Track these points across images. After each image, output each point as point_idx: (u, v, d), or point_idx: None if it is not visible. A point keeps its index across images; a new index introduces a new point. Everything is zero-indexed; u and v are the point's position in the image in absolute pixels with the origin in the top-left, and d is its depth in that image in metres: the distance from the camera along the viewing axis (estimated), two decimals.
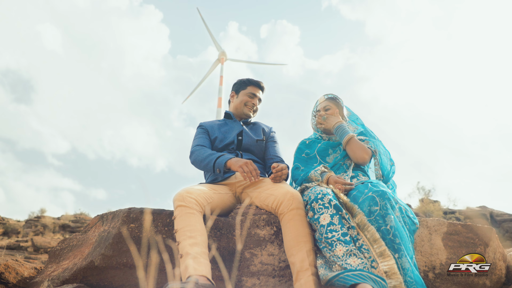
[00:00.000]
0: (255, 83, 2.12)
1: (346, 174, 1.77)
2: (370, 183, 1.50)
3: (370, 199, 1.37)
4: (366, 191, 1.43)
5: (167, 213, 1.60)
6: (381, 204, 1.34)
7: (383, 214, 1.32)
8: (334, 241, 1.31)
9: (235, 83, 2.19)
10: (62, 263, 1.87)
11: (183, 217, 1.38)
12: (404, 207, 1.43)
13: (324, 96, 2.13)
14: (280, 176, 1.65)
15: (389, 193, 1.38)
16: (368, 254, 1.27)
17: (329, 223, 1.35)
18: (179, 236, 1.36)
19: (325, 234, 1.34)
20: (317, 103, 2.15)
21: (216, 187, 1.71)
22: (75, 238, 1.94)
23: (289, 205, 1.44)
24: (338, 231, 1.33)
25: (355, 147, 1.80)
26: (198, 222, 1.39)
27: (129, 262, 1.56)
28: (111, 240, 1.55)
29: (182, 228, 1.36)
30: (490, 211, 11.17)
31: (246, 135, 1.99)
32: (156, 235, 1.56)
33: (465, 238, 1.55)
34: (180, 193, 1.47)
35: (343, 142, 1.85)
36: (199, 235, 1.34)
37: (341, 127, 1.90)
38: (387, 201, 1.35)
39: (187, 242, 1.31)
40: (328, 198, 1.40)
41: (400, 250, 1.26)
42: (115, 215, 1.70)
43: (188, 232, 1.34)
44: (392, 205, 1.35)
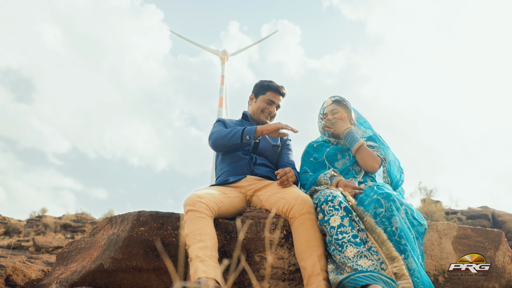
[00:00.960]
0: (275, 89, 2.03)
1: (355, 179, 1.76)
2: (376, 186, 1.51)
3: (376, 201, 1.38)
4: (372, 193, 1.43)
5: (177, 216, 1.60)
6: (386, 206, 1.35)
7: (389, 215, 1.33)
8: (344, 243, 1.31)
9: (256, 84, 2.12)
10: (71, 265, 1.87)
11: (193, 221, 1.38)
12: (409, 208, 1.44)
13: (330, 99, 2.10)
14: (287, 180, 1.64)
15: (394, 195, 1.39)
16: (377, 256, 1.28)
17: (340, 224, 1.35)
18: (189, 240, 1.35)
19: (335, 236, 1.34)
20: (324, 105, 2.12)
21: (226, 190, 1.70)
22: (83, 240, 1.94)
23: (300, 209, 1.44)
24: (348, 233, 1.33)
25: (365, 155, 1.78)
26: (208, 226, 1.39)
27: (138, 265, 1.56)
28: (121, 244, 1.55)
29: (192, 232, 1.36)
30: (491, 212, 11.16)
31: (263, 139, 1.96)
32: (166, 238, 1.56)
33: (474, 241, 1.55)
34: (190, 197, 1.47)
35: (352, 150, 1.83)
36: (209, 239, 1.34)
37: (350, 133, 1.87)
38: (392, 203, 1.35)
39: (197, 245, 1.31)
40: (338, 200, 1.40)
41: (406, 250, 1.26)
42: (124, 218, 1.70)
43: (198, 236, 1.34)
44: (397, 207, 1.36)
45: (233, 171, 1.86)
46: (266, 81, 2.06)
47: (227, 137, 1.78)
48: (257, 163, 1.89)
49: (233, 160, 1.90)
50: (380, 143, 1.93)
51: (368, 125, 2.09)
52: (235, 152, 1.91)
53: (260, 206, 1.71)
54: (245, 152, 1.91)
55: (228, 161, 1.91)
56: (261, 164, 1.90)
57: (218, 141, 1.81)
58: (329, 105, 2.08)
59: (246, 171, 1.85)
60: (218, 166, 1.98)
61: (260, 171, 1.87)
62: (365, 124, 2.08)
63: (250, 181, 1.78)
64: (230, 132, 1.79)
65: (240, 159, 1.89)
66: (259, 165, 1.90)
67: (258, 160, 1.90)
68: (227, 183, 1.79)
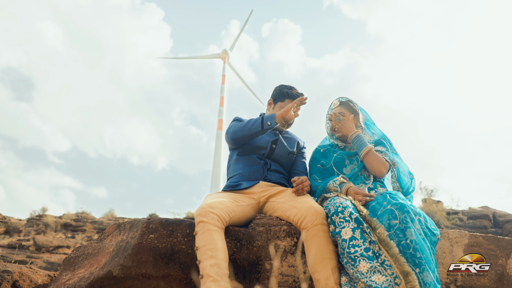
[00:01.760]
0: (294, 97, 1.96)
1: (365, 185, 1.75)
2: (388, 194, 1.49)
3: (389, 213, 1.35)
4: (385, 203, 1.41)
5: (187, 223, 1.59)
6: (400, 218, 1.33)
7: (403, 228, 1.31)
8: (357, 257, 1.30)
9: (276, 89, 2.06)
10: (78, 271, 1.86)
11: (204, 234, 1.38)
12: (423, 218, 1.42)
13: (337, 101, 2.05)
14: (302, 189, 1.63)
15: (408, 206, 1.36)
16: (391, 270, 1.27)
17: (351, 237, 1.34)
18: (200, 255, 1.35)
19: (347, 249, 1.33)
20: (331, 106, 2.08)
21: (238, 197, 1.68)
22: (90, 246, 1.93)
23: (313, 220, 1.43)
24: (360, 246, 1.32)
25: (373, 160, 1.75)
26: (220, 240, 1.38)
27: (148, 272, 1.55)
28: (130, 251, 1.54)
29: (204, 247, 1.35)
30: (492, 212, 11.18)
31: (280, 145, 1.93)
32: (176, 245, 1.55)
33: (486, 249, 1.54)
34: (202, 207, 1.45)
35: (360, 155, 1.80)
36: (220, 254, 1.34)
37: (358, 138, 1.84)
38: (407, 214, 1.33)
39: (208, 262, 1.31)
40: (348, 211, 1.39)
41: (421, 264, 1.24)
42: (133, 225, 1.69)
43: (209, 252, 1.34)
44: (411, 218, 1.34)
45: (246, 175, 1.83)
46: (286, 87, 2.00)
47: (247, 126, 1.76)
48: (271, 169, 1.87)
49: (248, 163, 1.87)
50: (388, 149, 1.90)
51: (377, 128, 2.04)
52: (251, 154, 1.88)
53: (271, 213, 1.69)
54: (260, 157, 1.88)
55: (243, 163, 1.88)
56: (275, 170, 1.88)
57: (238, 133, 1.79)
58: (336, 107, 2.04)
59: (259, 176, 1.82)
60: (232, 166, 1.94)
61: (274, 177, 1.85)
62: (373, 127, 2.04)
63: (263, 187, 1.76)
64: (249, 122, 1.77)
65: (255, 163, 1.86)
66: (273, 171, 1.87)
67: (272, 166, 1.88)
68: (239, 188, 1.76)
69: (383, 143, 1.92)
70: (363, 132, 1.99)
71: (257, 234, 1.56)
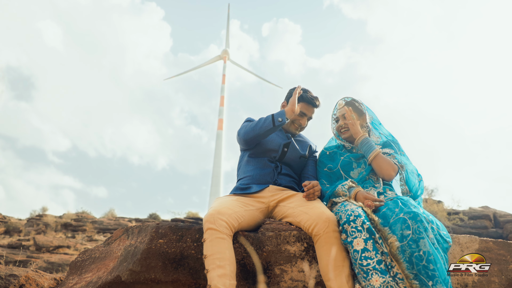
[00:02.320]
0: (308, 101, 1.92)
1: (375, 189, 1.73)
2: (400, 200, 1.48)
3: (402, 222, 1.33)
4: (397, 210, 1.40)
5: (196, 228, 1.59)
6: (413, 228, 1.31)
7: (416, 238, 1.29)
8: (369, 270, 1.29)
9: (290, 91, 2.02)
10: (85, 275, 1.86)
11: (213, 242, 1.38)
12: (436, 226, 1.40)
13: (343, 101, 2.01)
14: (313, 194, 1.62)
15: (421, 214, 1.35)
16: (403, 284, 1.26)
17: (363, 249, 1.33)
18: (208, 264, 1.36)
19: (359, 261, 1.32)
20: (336, 107, 2.04)
21: (247, 201, 1.67)
22: (97, 250, 1.92)
23: (325, 227, 1.42)
24: (373, 258, 1.31)
25: (381, 162, 1.73)
26: (228, 248, 1.38)
27: (157, 277, 1.54)
28: (139, 256, 1.53)
29: (212, 256, 1.36)
30: (493, 212, 11.18)
31: (292, 149, 1.91)
32: (185, 250, 1.55)
33: (496, 255, 1.54)
34: (211, 213, 1.45)
35: (368, 158, 1.78)
36: (228, 264, 1.34)
37: (365, 141, 1.80)
38: (420, 224, 1.31)
39: (216, 272, 1.32)
40: (360, 221, 1.38)
41: (435, 276, 1.23)
42: (142, 229, 1.68)
43: (217, 261, 1.34)
44: (425, 227, 1.31)
45: (256, 178, 1.81)
46: (302, 90, 1.95)
47: (258, 125, 1.76)
48: (281, 173, 1.85)
49: (259, 165, 1.85)
50: (396, 150, 1.86)
51: (384, 128, 1.99)
52: (262, 157, 1.87)
53: (281, 218, 1.68)
54: (271, 159, 1.87)
55: (253, 165, 1.87)
56: (286, 174, 1.87)
57: (250, 133, 1.78)
58: (341, 107, 2.00)
59: (269, 180, 1.81)
60: (242, 168, 1.92)
61: (284, 181, 1.83)
62: (380, 127, 1.99)
63: (273, 191, 1.75)
64: (260, 121, 1.77)
65: (265, 166, 1.85)
66: (283, 174, 1.86)
67: (283, 170, 1.86)
68: (249, 192, 1.74)
69: (390, 145, 1.89)
70: (370, 132, 1.95)
71: (267, 239, 1.55)
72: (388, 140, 1.92)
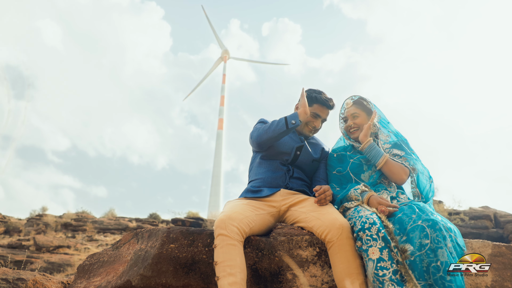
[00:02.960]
0: (322, 102, 1.90)
1: (388, 194, 1.70)
2: (416, 206, 1.46)
3: (421, 230, 1.31)
4: (414, 216, 1.38)
5: (208, 233, 1.58)
6: (432, 237, 1.29)
7: (434, 248, 1.27)
8: (385, 280, 1.28)
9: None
10: (93, 279, 1.84)
11: (224, 249, 1.37)
12: (453, 233, 1.38)
13: (350, 100, 1.96)
14: (325, 199, 1.60)
15: (439, 222, 1.33)
16: None
17: (379, 258, 1.31)
18: (219, 271, 1.35)
19: (375, 271, 1.31)
20: (344, 106, 1.99)
21: (258, 205, 1.66)
22: (105, 253, 1.91)
23: (338, 234, 1.41)
24: (388, 269, 1.29)
25: (392, 168, 1.70)
26: (239, 255, 1.37)
27: (168, 282, 1.53)
28: (150, 260, 1.52)
29: (222, 263, 1.35)
30: (493, 212, 11.19)
31: (305, 152, 1.89)
32: (196, 255, 1.54)
33: (509, 259, 1.53)
34: (222, 219, 1.43)
35: (377, 166, 1.74)
36: (239, 272, 1.34)
37: (371, 147, 1.75)
38: (439, 232, 1.29)
39: (227, 280, 1.31)
40: (375, 229, 1.36)
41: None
42: (152, 234, 1.67)
43: (228, 268, 1.33)
44: (443, 236, 1.29)
45: (268, 181, 1.80)
46: (315, 91, 1.93)
47: (271, 128, 1.74)
48: (293, 176, 1.84)
49: (270, 168, 1.84)
50: (407, 151, 1.82)
51: (392, 128, 1.94)
52: (274, 159, 1.86)
53: (292, 222, 1.67)
54: (283, 162, 1.85)
55: (265, 167, 1.85)
56: (297, 177, 1.85)
57: (263, 136, 1.76)
58: (349, 107, 1.94)
59: (281, 183, 1.79)
60: (254, 169, 1.90)
61: (295, 185, 1.82)
62: (389, 126, 1.94)
63: (284, 195, 1.73)
64: (273, 123, 1.76)
65: (277, 169, 1.83)
66: (295, 178, 1.84)
67: (295, 173, 1.84)
68: (260, 196, 1.73)
69: (401, 146, 1.84)
70: (379, 131, 1.90)
71: (278, 244, 1.54)
72: (398, 140, 1.88)
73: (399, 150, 1.83)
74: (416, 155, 1.86)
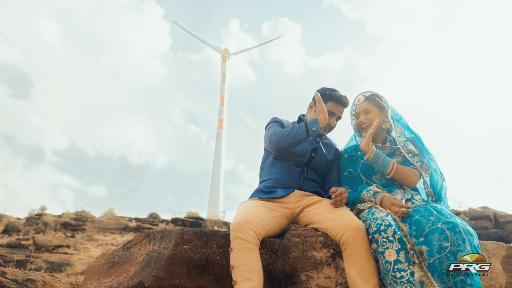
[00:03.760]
0: (337, 100, 1.88)
1: (403, 196, 1.69)
2: (433, 207, 1.45)
3: (440, 233, 1.31)
4: (432, 218, 1.37)
5: (221, 234, 1.57)
6: (452, 240, 1.29)
7: (454, 251, 1.27)
8: (403, 282, 1.27)
9: (318, 92, 1.96)
10: (104, 280, 1.84)
11: (240, 253, 1.36)
12: (471, 236, 1.37)
13: (362, 96, 1.93)
14: (340, 201, 1.60)
15: (459, 225, 1.32)
16: None
17: (396, 260, 1.31)
18: (236, 276, 1.34)
19: (392, 273, 1.30)
20: (355, 102, 1.96)
21: (273, 206, 1.65)
22: (116, 254, 1.90)
23: (354, 236, 1.40)
24: (406, 271, 1.29)
25: (402, 173, 1.69)
26: (255, 259, 1.37)
27: (181, 283, 1.53)
28: (164, 262, 1.52)
29: (240, 267, 1.34)
30: (493, 212, 11.23)
31: (320, 154, 1.87)
32: (210, 256, 1.53)
33: None
34: (238, 222, 1.43)
35: (387, 175, 1.72)
36: (256, 277, 1.33)
37: (377, 156, 1.70)
38: (459, 235, 1.29)
39: (245, 285, 1.31)
40: (391, 230, 1.36)
41: None
42: (165, 235, 1.66)
43: (246, 273, 1.32)
44: (463, 239, 1.29)
45: (281, 182, 1.78)
46: (329, 89, 1.93)
47: (291, 134, 1.71)
48: (307, 178, 1.83)
49: (284, 169, 1.82)
50: (421, 148, 1.80)
51: (405, 123, 1.92)
52: (288, 160, 1.84)
53: (306, 223, 1.67)
54: (298, 164, 1.84)
55: (279, 168, 1.84)
56: (311, 179, 1.84)
57: (282, 142, 1.73)
58: (361, 103, 1.91)
59: (294, 185, 1.78)
60: (267, 169, 1.89)
61: (309, 186, 1.81)
62: (401, 121, 1.92)
63: (298, 197, 1.72)
64: (293, 129, 1.73)
65: (291, 170, 1.82)
66: (309, 180, 1.83)
67: (309, 175, 1.83)
68: (274, 197, 1.72)
69: (415, 142, 1.81)
70: (392, 126, 1.87)
71: (293, 245, 1.54)
72: (412, 138, 1.85)
73: (414, 146, 1.81)
74: (428, 151, 1.84)
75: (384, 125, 1.92)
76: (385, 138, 1.95)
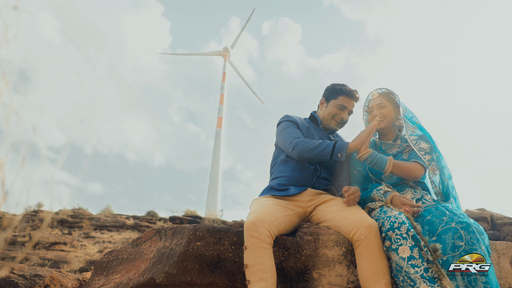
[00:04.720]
0: (347, 94, 1.89)
1: (414, 195, 1.70)
2: (445, 207, 1.47)
3: (454, 232, 1.32)
4: (445, 218, 1.38)
5: (234, 231, 1.58)
6: (466, 239, 1.30)
7: (469, 250, 1.29)
8: (417, 278, 1.28)
9: (327, 88, 1.98)
10: (112, 276, 1.83)
11: (255, 252, 1.37)
12: (483, 235, 1.39)
13: (377, 91, 1.93)
14: (353, 200, 1.60)
15: (472, 225, 1.34)
16: None
17: (410, 256, 1.32)
18: (250, 275, 1.35)
19: (406, 269, 1.31)
20: (369, 97, 1.96)
21: (286, 205, 1.65)
22: (125, 250, 1.90)
23: (367, 233, 1.41)
24: (420, 267, 1.30)
25: (401, 167, 1.67)
26: (269, 259, 1.38)
27: (193, 280, 1.53)
28: (176, 258, 1.52)
29: (254, 266, 1.35)
30: (490, 214, 11.30)
31: None
32: (223, 253, 1.54)
33: None
34: (253, 221, 1.43)
35: (384, 172, 1.70)
36: (270, 277, 1.34)
37: (372, 157, 1.68)
38: (472, 235, 1.31)
39: (259, 285, 1.32)
40: (405, 228, 1.37)
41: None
42: (176, 231, 1.66)
43: (260, 273, 1.33)
44: (477, 238, 1.31)
45: (294, 180, 1.78)
46: (339, 84, 1.94)
47: (316, 150, 1.69)
48: (320, 177, 1.83)
49: (297, 167, 1.81)
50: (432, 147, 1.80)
51: (418, 121, 1.92)
52: None
53: (318, 222, 1.67)
54: (311, 162, 1.83)
55: (292, 166, 1.83)
56: (324, 178, 1.84)
57: (305, 154, 1.71)
58: (376, 98, 1.92)
59: (307, 183, 1.79)
60: (279, 166, 1.88)
61: (321, 185, 1.81)
62: (413, 119, 1.92)
63: (311, 195, 1.73)
64: (319, 146, 1.70)
65: (305, 168, 1.81)
66: (322, 178, 1.84)
67: (322, 174, 1.84)
68: (287, 195, 1.72)
69: (427, 139, 1.82)
70: (405, 124, 1.87)
71: (305, 243, 1.54)
72: (423, 135, 1.86)
73: (425, 144, 1.81)
74: (438, 149, 1.84)
75: (397, 122, 1.93)
76: (396, 135, 1.96)
